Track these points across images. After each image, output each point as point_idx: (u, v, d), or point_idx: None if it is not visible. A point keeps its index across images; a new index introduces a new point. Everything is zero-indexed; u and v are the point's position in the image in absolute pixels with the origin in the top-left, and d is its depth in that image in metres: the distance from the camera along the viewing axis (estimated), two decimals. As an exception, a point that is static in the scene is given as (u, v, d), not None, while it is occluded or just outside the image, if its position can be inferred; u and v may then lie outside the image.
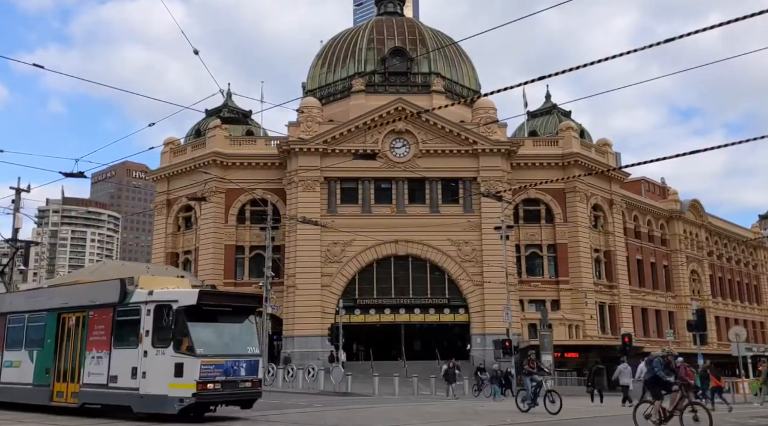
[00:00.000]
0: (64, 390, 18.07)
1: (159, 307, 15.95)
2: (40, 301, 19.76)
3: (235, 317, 16.94)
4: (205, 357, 15.49)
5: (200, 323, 15.98)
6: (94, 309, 17.61)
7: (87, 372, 17.33)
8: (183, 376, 15.25)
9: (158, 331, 15.82)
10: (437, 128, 50.84)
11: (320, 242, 49.02)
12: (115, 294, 17.02)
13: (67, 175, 19.83)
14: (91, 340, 17.50)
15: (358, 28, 64.27)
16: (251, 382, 16.35)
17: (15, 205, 31.02)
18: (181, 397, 15.17)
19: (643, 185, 72.72)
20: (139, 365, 15.92)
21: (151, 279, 17.63)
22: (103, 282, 18.09)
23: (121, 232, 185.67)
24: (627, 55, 10.79)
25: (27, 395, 19.17)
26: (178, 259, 55.54)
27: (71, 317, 18.40)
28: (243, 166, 53.25)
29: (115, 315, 16.96)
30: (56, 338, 18.63)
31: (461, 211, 50.86)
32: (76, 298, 18.54)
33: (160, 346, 15.66)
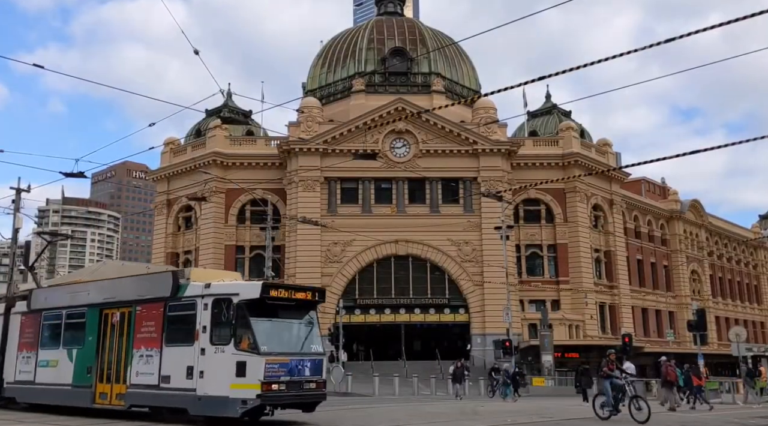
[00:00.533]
0: (107, 391, 16.97)
1: (218, 301, 14.79)
2: (80, 297, 18.52)
3: (297, 312, 15.71)
4: (270, 355, 14.23)
5: (263, 318, 14.79)
6: (142, 304, 16.46)
7: (135, 372, 16.19)
8: (246, 375, 14.06)
9: (217, 326, 14.67)
10: (437, 128, 50.85)
11: (320, 242, 49.03)
12: (167, 287, 15.93)
13: (67, 175, 19.84)
14: (139, 338, 16.35)
15: (358, 28, 64.28)
16: (316, 382, 15.20)
17: (15, 205, 30.99)
18: (244, 398, 13.97)
19: (644, 185, 72.70)
20: (195, 364, 14.77)
21: (201, 272, 16.76)
22: (152, 275, 17.22)
23: (121, 232, 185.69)
24: (627, 55, 10.80)
25: (66, 397, 18.10)
26: (179, 259, 55.54)
27: (115, 313, 17.29)
28: (243, 166, 53.26)
29: (166, 310, 15.82)
30: (98, 336, 17.53)
31: (461, 211, 50.86)
32: (120, 293, 17.40)
33: (219, 343, 14.52)
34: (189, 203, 54.45)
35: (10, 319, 20.80)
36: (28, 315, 20.09)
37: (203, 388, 14.54)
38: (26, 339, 19.87)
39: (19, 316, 20.42)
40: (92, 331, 17.70)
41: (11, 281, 30.97)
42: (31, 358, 19.47)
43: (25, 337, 19.92)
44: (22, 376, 19.67)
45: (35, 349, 19.41)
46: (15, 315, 20.65)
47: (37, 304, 19.81)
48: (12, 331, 20.56)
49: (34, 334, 19.61)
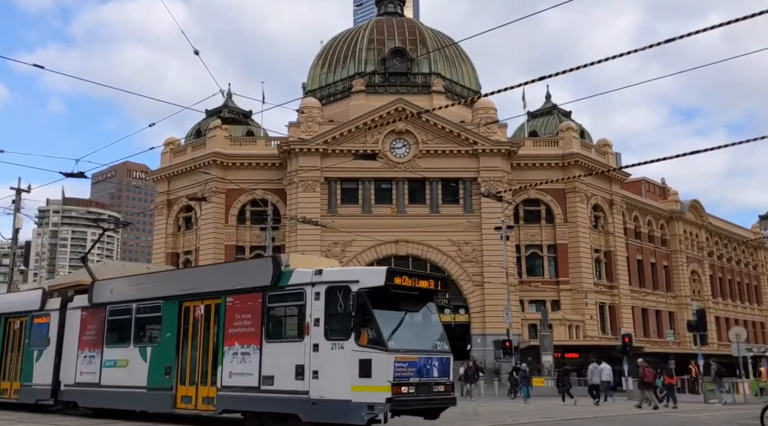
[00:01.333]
0: (192, 394, 15.15)
1: (332, 290, 13.03)
2: (154, 288, 16.79)
3: (418, 303, 13.96)
4: (398, 352, 12.46)
5: (386, 310, 13.09)
6: (234, 294, 14.70)
7: (227, 372, 14.38)
8: (371, 376, 12.26)
9: (333, 319, 12.94)
10: (437, 128, 50.86)
11: (320, 242, 49.04)
12: (266, 275, 14.10)
13: (68, 175, 19.83)
14: (232, 333, 14.51)
15: (359, 29, 64.29)
16: (444, 385, 13.25)
17: (15, 205, 31.02)
18: (370, 402, 12.16)
19: (644, 185, 72.69)
20: (307, 362, 12.97)
21: (300, 257, 15.12)
22: (246, 262, 16.08)
23: (122, 233, 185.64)
24: (628, 55, 10.81)
25: (139, 401, 16.41)
26: (179, 259, 55.56)
27: (198, 306, 15.51)
28: (243, 166, 53.27)
29: (265, 301, 14.03)
30: (178, 331, 15.79)
31: (461, 212, 50.87)
32: (204, 283, 15.73)
33: (336, 337, 12.74)
34: (189, 203, 54.47)
35: (66, 315, 19.06)
36: (89, 310, 18.32)
37: (318, 391, 12.76)
38: (89, 336, 18.12)
39: (78, 312, 18.65)
40: (170, 326, 15.96)
41: (11, 281, 31.03)
42: (95, 358, 17.73)
43: (88, 334, 18.18)
44: (84, 377, 17.89)
45: (100, 347, 17.67)
46: (73, 310, 18.90)
47: (100, 298, 17.99)
48: (70, 328, 18.83)
49: (97, 330, 17.91)
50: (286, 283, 13.86)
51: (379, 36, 60.53)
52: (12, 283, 31.28)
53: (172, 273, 17.60)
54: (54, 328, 19.16)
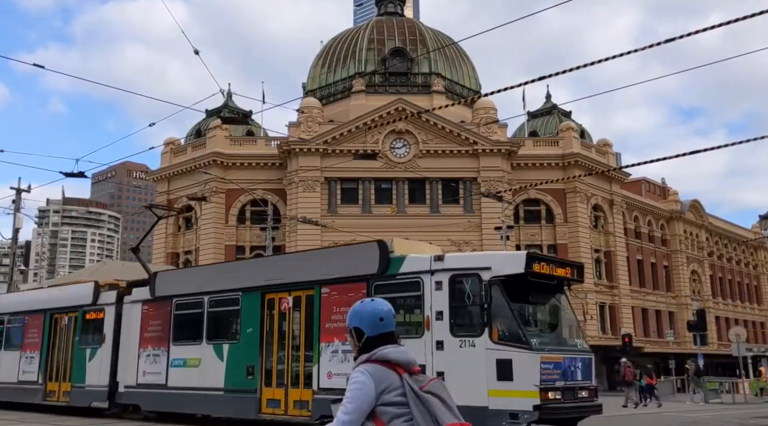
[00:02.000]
0: (280, 398, 13.51)
1: (458, 279, 11.44)
2: (231, 279, 15.25)
3: (554, 294, 12.36)
4: (543, 351, 10.88)
5: (524, 301, 11.71)
6: (330, 284, 13.10)
7: (326, 372, 12.74)
8: (513, 379, 10.65)
9: (460, 312, 11.45)
10: (437, 128, 50.86)
11: (320, 242, 48.95)
12: (371, 262, 12.54)
13: (68, 175, 19.78)
14: (330, 328, 12.84)
15: (359, 29, 64.29)
16: (588, 390, 11.54)
17: (15, 205, 31.01)
18: (513, 410, 10.55)
19: (644, 185, 72.68)
20: (429, 362, 11.37)
21: (405, 243, 13.56)
22: (346, 248, 14.27)
23: (122, 232, 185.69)
24: (628, 55, 10.80)
25: (215, 405, 14.67)
26: (179, 259, 55.55)
27: (285, 298, 13.89)
28: (243, 166, 53.26)
29: (371, 291, 12.46)
30: (261, 326, 14.14)
31: (461, 212, 50.86)
32: (293, 272, 14.07)
33: (464, 334, 11.19)
34: (189, 203, 54.46)
35: (124, 309, 17.41)
36: (152, 303, 16.66)
37: None
38: (152, 332, 16.46)
39: (139, 306, 16.95)
40: (251, 320, 14.23)
41: (11, 281, 31.02)
42: (160, 356, 16.02)
43: (151, 331, 16.50)
44: (148, 378, 16.22)
45: (165, 344, 15.97)
46: (132, 304, 17.20)
47: (165, 290, 16.37)
48: (128, 323, 17.14)
49: (162, 326, 16.23)
50: (397, 271, 12.22)
51: (379, 36, 60.53)
52: (12, 283, 31.27)
53: (252, 262, 16.06)
54: (109, 324, 17.45)
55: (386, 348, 3.50)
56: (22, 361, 19.78)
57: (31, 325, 20.00)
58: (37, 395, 18.97)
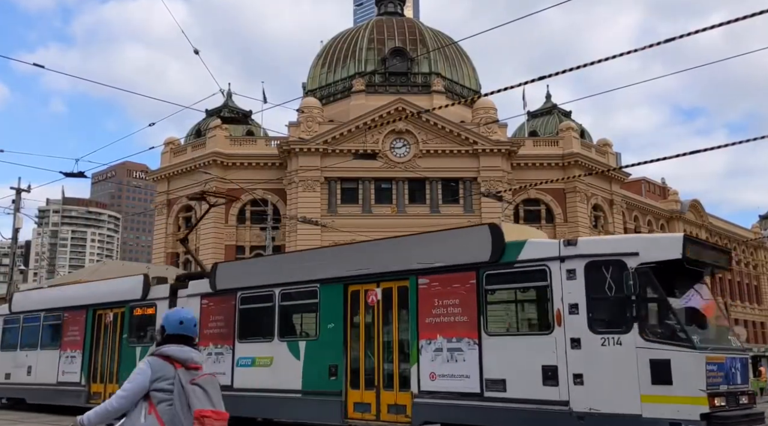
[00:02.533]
0: (371, 401, 12.08)
1: (596, 266, 9.94)
2: (306, 269, 13.70)
3: (703, 284, 10.98)
4: (707, 350, 9.43)
5: (678, 292, 10.20)
6: (429, 274, 11.65)
7: (426, 373, 11.30)
8: (672, 383, 9.19)
9: (600, 305, 9.95)
10: (437, 128, 50.88)
11: (320, 242, 48.94)
12: (482, 248, 11.03)
13: (68, 174, 19.77)
14: (431, 323, 11.43)
15: (359, 28, 64.31)
16: (747, 395, 10.15)
17: (15, 205, 31.00)
18: (674, 420, 9.09)
19: (644, 185, 72.69)
20: (561, 362, 9.94)
21: (514, 227, 12.47)
22: (449, 232, 12.59)
23: (122, 232, 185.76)
24: (628, 55, 10.80)
25: (291, 408, 13.29)
26: (179, 259, 55.54)
27: (373, 290, 12.49)
28: (243, 166, 53.27)
29: (482, 281, 10.98)
30: (345, 321, 12.75)
31: (462, 212, 50.86)
32: (383, 260, 12.61)
33: (607, 330, 9.74)
34: (189, 203, 54.49)
35: (178, 304, 16.07)
36: (213, 297, 15.27)
37: (585, 401, 9.62)
38: (213, 329, 15.10)
39: (197, 300, 15.54)
40: (332, 315, 12.89)
41: (11, 281, 31.00)
42: (223, 355, 14.65)
43: (212, 327, 15.15)
44: None
45: (230, 341, 14.59)
46: (189, 299, 15.81)
47: (228, 283, 15.01)
48: None
49: (226, 321, 14.85)
50: (515, 258, 10.74)
51: (379, 36, 60.55)
52: (12, 282, 31.26)
53: (332, 250, 14.38)
54: None
55: (170, 346, 4.46)
56: (62, 360, 18.60)
57: (71, 322, 18.81)
58: (79, 397, 17.73)
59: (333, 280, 13.06)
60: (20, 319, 20.58)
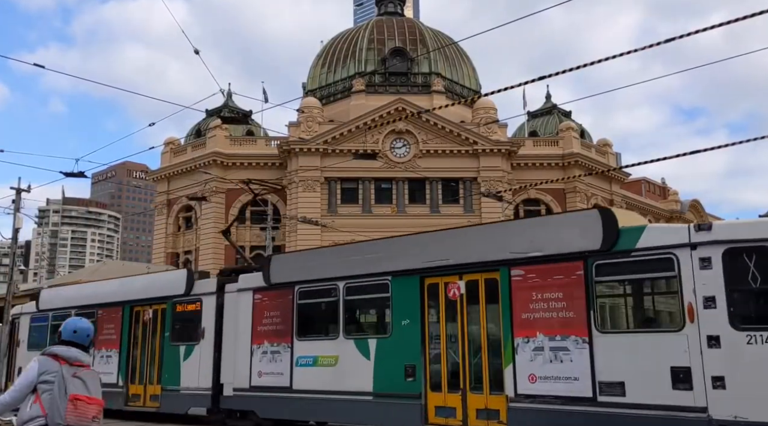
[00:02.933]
0: (456, 405, 10.97)
1: (737, 254, 8.81)
2: (374, 261, 12.63)
3: None
4: None
5: None
6: (525, 265, 10.51)
7: (526, 374, 10.21)
8: None
9: (743, 298, 8.84)
10: (437, 128, 50.88)
11: (320, 242, 48.94)
12: (591, 235, 9.89)
13: (68, 174, 19.74)
14: (527, 319, 10.35)
15: (359, 29, 64.32)
16: None
17: (15, 205, 30.97)
18: None
19: (644, 185, 72.70)
20: (695, 363, 8.80)
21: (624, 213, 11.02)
22: (547, 218, 11.76)
23: (122, 232, 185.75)
24: (629, 55, 10.79)
25: (360, 412, 12.12)
26: (179, 259, 55.56)
27: (455, 283, 11.36)
28: (243, 166, 53.27)
29: (590, 272, 9.83)
30: (422, 317, 11.69)
31: (462, 212, 50.86)
32: (465, 250, 11.42)
33: (755, 326, 8.63)
34: (189, 203, 54.50)
35: (226, 300, 15.06)
36: (267, 292, 14.17)
37: (727, 407, 8.49)
38: (268, 326, 13.97)
39: (248, 295, 14.45)
40: (407, 310, 11.81)
41: (11, 281, 30.97)
42: (280, 354, 13.52)
43: (267, 324, 14.01)
44: (265, 380, 13.72)
45: (288, 339, 13.45)
46: (239, 294, 14.70)
47: (284, 276, 13.90)
48: (235, 316, 14.67)
49: (283, 318, 13.71)
50: (632, 246, 9.57)
51: (379, 36, 60.56)
52: (12, 282, 31.24)
53: (405, 240, 12.94)
54: (209, 317, 15.17)
55: (58, 346, 5.27)
56: (97, 360, 17.55)
57: (106, 320, 17.85)
58: (116, 400, 16.61)
59: (407, 272, 11.98)
60: (49, 316, 19.74)
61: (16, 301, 31.41)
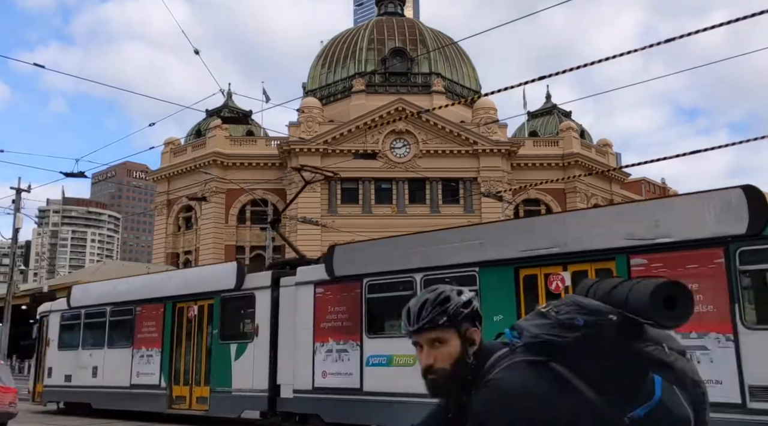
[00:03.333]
0: None
1: None
2: (457, 250, 11.47)
3: None
4: None
5: None
6: (647, 253, 9.31)
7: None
8: None
9: None
10: (437, 128, 50.89)
11: (321, 242, 48.95)
12: (735, 218, 8.54)
13: (68, 174, 19.75)
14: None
15: (359, 29, 64.34)
16: None
17: (15, 205, 30.97)
18: None
19: (644, 185, 72.77)
20: None
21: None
22: (674, 199, 10.20)
23: (122, 233, 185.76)
24: (630, 55, 10.79)
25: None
26: (179, 259, 55.56)
27: (556, 274, 10.32)
28: (243, 166, 53.30)
29: (734, 260, 8.56)
30: (517, 313, 10.58)
31: (462, 212, 50.86)
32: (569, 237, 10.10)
33: None
34: (189, 203, 54.50)
35: (282, 294, 13.89)
36: (330, 285, 13.10)
37: None
38: (333, 322, 12.94)
39: (309, 289, 13.34)
40: (499, 304, 10.57)
41: (11, 281, 30.98)
42: (348, 353, 12.50)
43: (330, 320, 12.97)
44: (330, 380, 12.66)
45: (356, 336, 12.42)
46: (298, 287, 13.59)
47: (350, 268, 12.81)
48: (293, 311, 13.50)
49: (349, 313, 12.68)
50: None
51: (380, 36, 60.57)
52: (12, 282, 31.25)
53: (494, 227, 12.12)
54: (264, 313, 14.05)
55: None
56: (136, 360, 16.63)
57: (146, 317, 16.80)
58: (159, 402, 15.79)
59: (498, 262, 10.86)
60: (81, 314, 18.67)
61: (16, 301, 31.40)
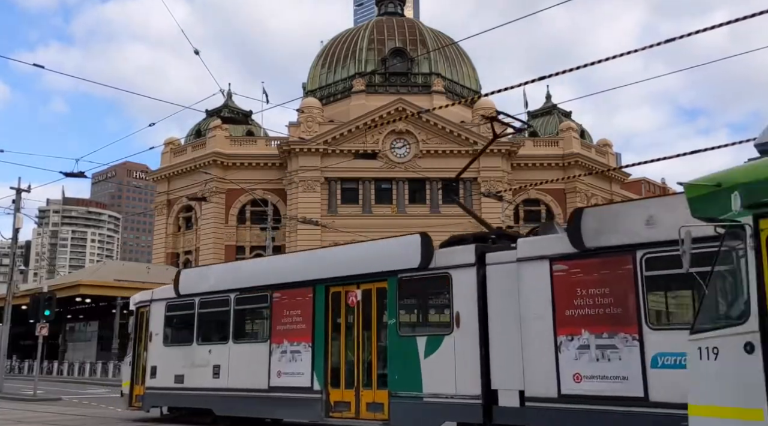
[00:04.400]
0: None
1: None
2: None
3: None
4: None
5: None
6: None
7: None
8: None
9: None
10: (438, 128, 50.89)
11: (321, 242, 48.94)
12: None
13: (68, 174, 19.72)
14: None
15: (359, 29, 64.32)
16: None
17: (15, 205, 30.94)
18: None
19: (644, 185, 72.79)
20: None
21: None
22: None
23: (122, 233, 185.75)
24: (630, 55, 10.77)
25: None
26: (179, 259, 55.55)
27: None
28: (243, 166, 53.30)
29: None
30: None
31: (462, 212, 50.77)
32: None
33: None
34: (189, 203, 54.51)
35: (490, 274, 11.01)
36: (576, 260, 9.84)
37: None
38: (584, 308, 9.73)
39: (541, 267, 10.20)
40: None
41: (11, 281, 30.97)
42: (617, 350, 9.25)
43: (580, 306, 9.76)
44: (586, 386, 9.52)
45: (630, 328, 9.12)
46: (519, 264, 10.45)
47: (608, 238, 9.43)
48: (512, 296, 10.52)
49: (613, 296, 9.39)
50: None
51: (380, 36, 60.56)
52: (12, 282, 31.24)
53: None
54: (467, 298, 11.14)
55: None
56: (275, 357, 13.66)
57: (287, 305, 13.79)
58: (311, 409, 12.84)
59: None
60: (194, 303, 15.67)
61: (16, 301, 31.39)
